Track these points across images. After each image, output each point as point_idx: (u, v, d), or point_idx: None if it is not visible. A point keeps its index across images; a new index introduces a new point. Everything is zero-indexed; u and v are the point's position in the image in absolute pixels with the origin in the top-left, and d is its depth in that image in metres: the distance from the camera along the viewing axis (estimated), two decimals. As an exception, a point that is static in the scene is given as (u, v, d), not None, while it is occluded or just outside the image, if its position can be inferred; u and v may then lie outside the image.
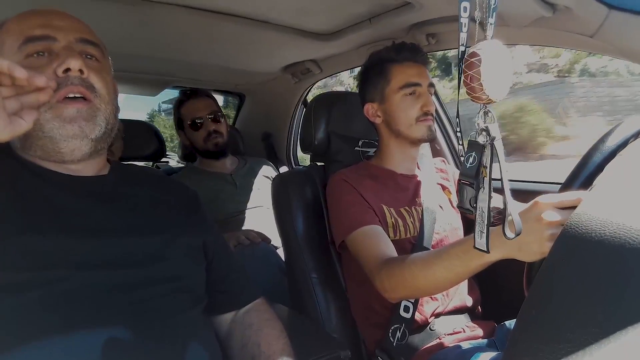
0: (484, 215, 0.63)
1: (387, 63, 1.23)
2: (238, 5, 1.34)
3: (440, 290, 1.08)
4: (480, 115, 0.61)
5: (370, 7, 1.35)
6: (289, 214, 1.32)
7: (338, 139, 1.40)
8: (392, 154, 1.27)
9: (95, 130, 0.73)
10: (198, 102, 1.93)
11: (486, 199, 0.63)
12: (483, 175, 0.63)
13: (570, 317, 0.42)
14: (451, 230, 1.24)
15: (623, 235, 0.41)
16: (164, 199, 0.86)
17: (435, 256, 0.87)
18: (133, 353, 0.65)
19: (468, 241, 0.80)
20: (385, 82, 1.22)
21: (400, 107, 1.21)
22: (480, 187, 0.63)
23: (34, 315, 0.62)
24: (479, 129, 0.62)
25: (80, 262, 0.67)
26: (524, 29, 1.15)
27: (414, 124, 1.20)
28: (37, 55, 0.72)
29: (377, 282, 0.99)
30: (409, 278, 0.92)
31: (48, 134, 0.71)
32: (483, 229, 0.64)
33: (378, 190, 1.19)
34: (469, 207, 0.65)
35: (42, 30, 0.73)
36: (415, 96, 1.20)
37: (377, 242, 1.06)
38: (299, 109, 2.29)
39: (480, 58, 0.56)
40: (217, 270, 0.89)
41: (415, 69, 1.21)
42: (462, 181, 0.65)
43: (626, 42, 0.97)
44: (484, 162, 0.63)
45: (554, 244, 0.48)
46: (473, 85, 0.57)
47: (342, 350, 0.95)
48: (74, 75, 0.71)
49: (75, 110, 0.71)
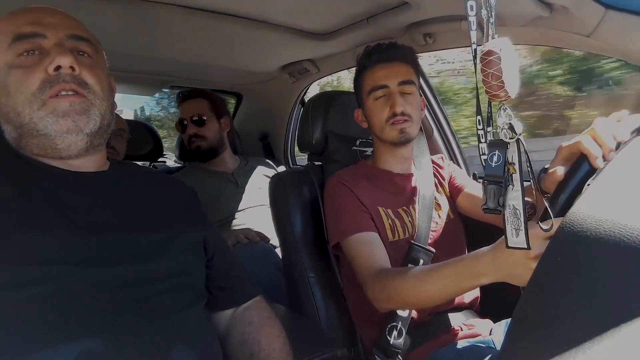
0: (518, 213, 0.62)
1: (361, 70, 1.25)
2: (236, 5, 1.34)
3: (431, 305, 1.09)
4: (500, 113, 0.61)
5: (367, 7, 1.35)
6: (286, 214, 1.32)
7: (335, 138, 1.40)
8: (383, 155, 1.28)
9: (89, 124, 0.73)
10: (187, 104, 1.94)
11: (519, 196, 0.61)
12: (511, 173, 0.62)
13: (565, 315, 0.42)
14: (449, 226, 1.25)
15: (618, 233, 0.41)
16: (164, 196, 0.86)
17: (428, 275, 0.88)
18: (136, 349, 0.65)
19: (461, 263, 0.82)
20: (360, 88, 1.25)
21: (372, 111, 1.22)
22: (509, 185, 0.62)
23: (36, 311, 0.62)
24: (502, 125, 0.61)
25: (82, 258, 0.67)
26: (521, 29, 1.15)
27: (385, 127, 1.19)
28: (28, 54, 0.71)
29: (369, 291, 1.01)
30: (401, 293, 0.94)
31: (42, 132, 0.70)
32: (519, 226, 0.62)
33: (375, 192, 1.19)
34: (496, 207, 0.63)
35: (32, 27, 0.72)
36: (385, 99, 1.19)
37: (371, 250, 1.08)
38: (296, 109, 2.29)
39: (499, 56, 0.56)
40: (218, 266, 0.89)
41: (384, 70, 1.20)
42: (486, 181, 0.63)
43: (623, 42, 0.98)
44: (510, 159, 0.62)
45: (549, 243, 0.48)
46: (493, 83, 0.57)
47: (339, 348, 0.96)
48: (65, 72, 0.71)
49: (68, 104, 0.71)
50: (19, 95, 0.70)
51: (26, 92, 0.70)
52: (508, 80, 0.57)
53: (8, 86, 0.71)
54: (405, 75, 1.20)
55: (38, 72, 0.70)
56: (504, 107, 0.60)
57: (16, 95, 0.70)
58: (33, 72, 0.70)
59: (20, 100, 0.70)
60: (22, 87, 0.70)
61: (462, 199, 1.30)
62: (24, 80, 0.70)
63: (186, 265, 0.79)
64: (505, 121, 0.61)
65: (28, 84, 0.70)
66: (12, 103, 0.71)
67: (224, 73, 2.11)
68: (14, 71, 0.71)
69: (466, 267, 0.80)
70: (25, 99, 0.70)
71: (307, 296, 1.26)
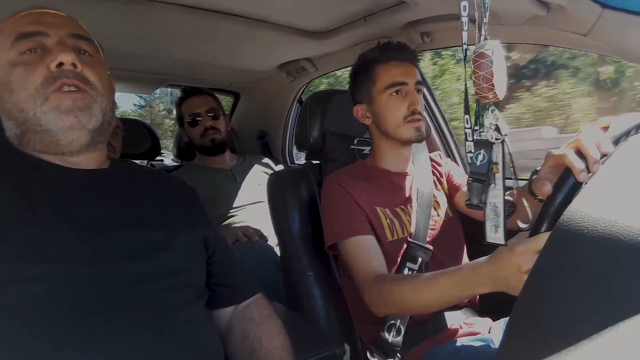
0: (497, 210, 0.65)
1: (372, 64, 1.23)
2: (233, 3, 1.34)
3: (429, 311, 1.10)
4: (487, 114, 0.63)
5: (365, 6, 1.35)
6: (284, 213, 1.32)
7: (333, 137, 1.40)
8: (384, 154, 1.27)
9: (92, 120, 0.73)
10: (197, 99, 1.97)
11: (500, 195, 0.65)
12: (494, 172, 0.65)
13: (563, 314, 0.42)
14: (447, 224, 1.26)
15: (615, 232, 0.42)
16: (164, 194, 0.87)
17: (427, 283, 0.89)
18: (138, 346, 0.66)
19: (459, 273, 0.83)
20: (371, 82, 1.22)
21: (386, 107, 1.20)
22: (492, 184, 0.65)
23: (38, 308, 0.62)
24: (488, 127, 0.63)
25: (81, 256, 0.67)
26: (517, 28, 1.15)
27: (402, 125, 1.19)
28: (30, 52, 0.72)
29: (367, 297, 1.02)
30: (399, 299, 0.95)
31: (45, 127, 0.71)
32: (498, 223, 0.66)
33: (373, 192, 1.19)
34: (478, 203, 0.66)
35: (34, 26, 0.73)
36: (401, 96, 1.19)
37: (368, 255, 1.08)
38: (294, 108, 2.29)
39: (491, 59, 0.57)
40: (218, 264, 0.89)
41: (401, 68, 1.20)
42: (471, 179, 0.66)
43: (619, 41, 0.98)
44: (494, 158, 0.65)
45: (546, 242, 0.48)
46: (483, 85, 0.58)
47: (338, 347, 0.96)
48: (67, 69, 0.72)
49: (71, 101, 0.71)
50: (22, 92, 0.71)
51: (29, 87, 0.70)
52: (497, 82, 0.58)
53: (11, 83, 0.71)
54: (418, 76, 1.22)
55: (40, 68, 0.71)
56: (492, 109, 0.62)
57: (19, 92, 0.71)
58: (36, 69, 0.71)
59: (24, 96, 0.71)
60: (25, 83, 0.71)
61: (459, 197, 1.30)
62: (27, 77, 0.71)
63: (186, 263, 0.79)
64: (492, 122, 0.62)
65: (31, 80, 0.71)
66: (15, 99, 0.71)
67: (222, 71, 2.11)
68: (17, 68, 0.71)
69: (464, 277, 0.81)
70: (28, 95, 0.71)
71: (306, 294, 1.26)
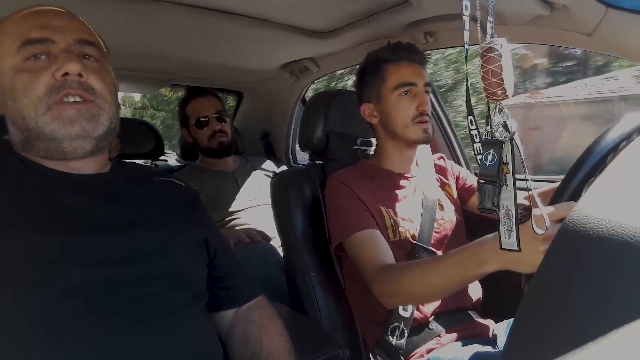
0: (510, 214, 0.61)
1: (382, 63, 1.22)
2: (236, 3, 1.34)
3: (437, 297, 1.09)
4: (496, 111, 0.60)
5: (368, 5, 1.35)
6: (287, 213, 1.32)
7: (336, 137, 1.40)
8: (389, 154, 1.27)
9: (98, 129, 0.74)
10: (204, 101, 1.94)
11: (511, 197, 0.61)
12: (505, 172, 0.61)
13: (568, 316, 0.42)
14: (451, 227, 1.25)
15: (621, 233, 0.41)
16: (165, 197, 0.86)
17: (433, 265, 0.88)
18: (133, 349, 0.66)
19: (465, 251, 0.81)
20: (381, 82, 1.22)
21: (395, 107, 1.20)
22: (503, 185, 0.61)
23: (35, 311, 0.62)
24: (496, 125, 0.60)
25: (80, 259, 0.68)
26: (521, 28, 1.15)
27: (409, 125, 1.19)
28: (35, 58, 0.72)
29: (374, 288, 1.00)
30: (406, 285, 0.93)
31: (50, 136, 0.71)
32: (511, 228, 0.61)
33: (376, 192, 1.19)
34: (491, 207, 0.62)
35: (40, 32, 0.72)
36: (410, 96, 1.19)
37: (375, 248, 1.07)
38: (297, 107, 2.29)
39: (500, 53, 0.56)
40: (219, 267, 0.89)
41: (411, 68, 1.20)
42: (481, 181, 0.62)
43: (624, 41, 0.98)
44: (504, 158, 0.61)
45: (551, 242, 0.48)
46: (492, 80, 0.57)
47: (341, 348, 0.96)
48: (73, 79, 0.71)
49: (76, 112, 0.71)
50: (24, 99, 0.71)
51: (32, 95, 0.70)
52: (506, 77, 0.56)
53: (15, 89, 0.71)
54: (426, 77, 1.22)
55: (45, 76, 0.70)
56: (501, 107, 0.60)
57: (22, 99, 0.71)
58: (40, 77, 0.70)
59: (25, 103, 0.70)
60: (28, 90, 0.70)
61: (474, 200, 1.29)
62: (31, 84, 0.70)
63: (184, 265, 0.79)
64: (500, 120, 0.60)
65: (34, 88, 0.70)
66: (18, 106, 0.71)
67: (225, 71, 2.11)
68: (21, 75, 0.71)
69: (470, 254, 0.80)
70: (30, 103, 0.70)
71: (309, 296, 1.26)
